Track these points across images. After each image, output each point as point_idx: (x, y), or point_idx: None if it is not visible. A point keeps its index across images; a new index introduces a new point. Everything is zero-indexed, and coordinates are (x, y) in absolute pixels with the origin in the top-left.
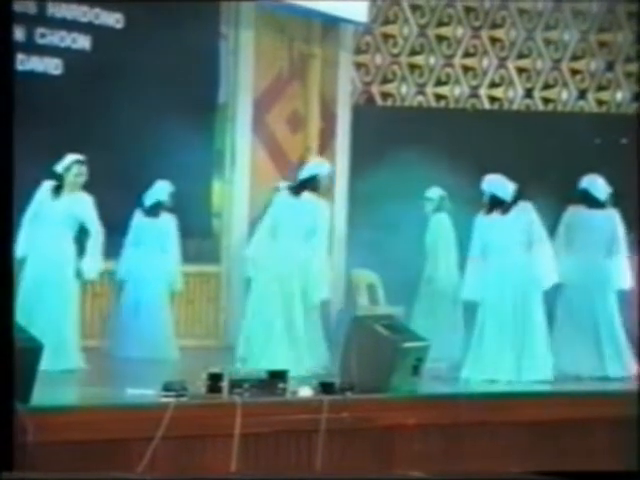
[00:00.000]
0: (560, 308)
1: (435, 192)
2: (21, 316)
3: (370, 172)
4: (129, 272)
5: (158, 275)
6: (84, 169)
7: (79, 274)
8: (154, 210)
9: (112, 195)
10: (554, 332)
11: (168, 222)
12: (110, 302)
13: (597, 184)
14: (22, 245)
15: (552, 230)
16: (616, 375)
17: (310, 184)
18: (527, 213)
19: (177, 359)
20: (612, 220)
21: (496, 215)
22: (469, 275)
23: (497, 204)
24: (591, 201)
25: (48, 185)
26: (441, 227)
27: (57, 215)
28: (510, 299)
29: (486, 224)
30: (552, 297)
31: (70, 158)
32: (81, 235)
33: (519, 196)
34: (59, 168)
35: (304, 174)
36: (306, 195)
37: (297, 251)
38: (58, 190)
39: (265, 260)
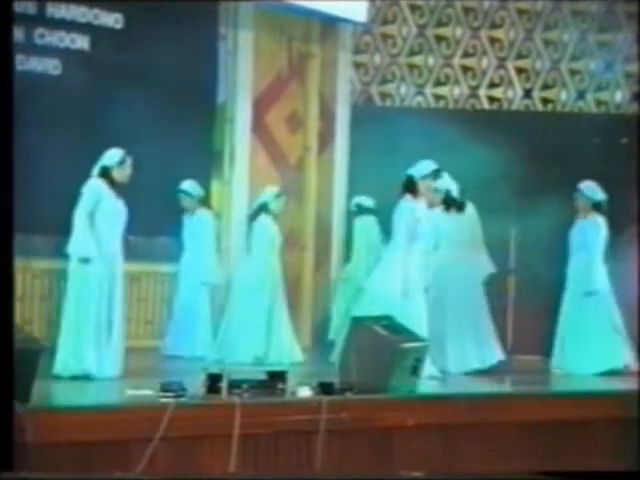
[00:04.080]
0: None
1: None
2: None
3: (369, 172)
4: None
5: (197, 272)
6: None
7: None
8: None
9: None
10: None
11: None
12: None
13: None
14: (83, 244)
15: (549, 230)
16: None
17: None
18: (474, 215)
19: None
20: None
21: (452, 212)
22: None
23: (451, 201)
24: None
25: (100, 181)
26: (364, 232)
27: (116, 211)
28: (455, 293)
29: (442, 219)
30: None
31: (119, 152)
32: None
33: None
34: (109, 162)
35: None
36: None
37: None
38: (112, 186)
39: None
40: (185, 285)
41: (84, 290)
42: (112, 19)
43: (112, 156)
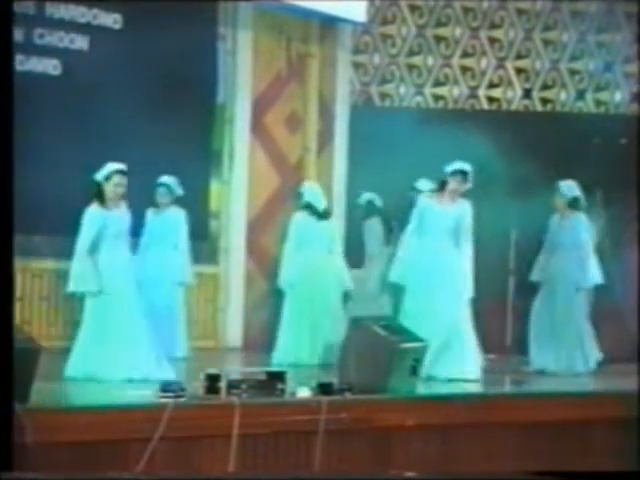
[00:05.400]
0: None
1: (363, 198)
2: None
3: (368, 173)
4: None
5: (172, 272)
6: (125, 180)
7: None
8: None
9: None
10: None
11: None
12: None
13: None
14: (87, 279)
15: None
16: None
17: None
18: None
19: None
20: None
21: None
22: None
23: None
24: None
25: (96, 208)
26: (373, 234)
27: (123, 230)
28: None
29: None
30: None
31: (111, 167)
32: None
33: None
34: (98, 177)
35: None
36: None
37: (445, 251)
38: (102, 203)
39: (416, 264)
40: (158, 285)
41: (105, 312)
42: (111, 19)
43: (101, 171)
